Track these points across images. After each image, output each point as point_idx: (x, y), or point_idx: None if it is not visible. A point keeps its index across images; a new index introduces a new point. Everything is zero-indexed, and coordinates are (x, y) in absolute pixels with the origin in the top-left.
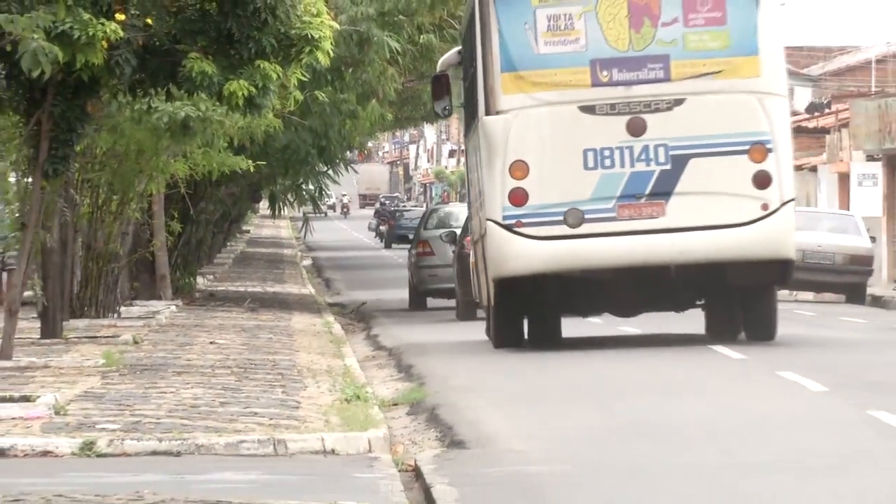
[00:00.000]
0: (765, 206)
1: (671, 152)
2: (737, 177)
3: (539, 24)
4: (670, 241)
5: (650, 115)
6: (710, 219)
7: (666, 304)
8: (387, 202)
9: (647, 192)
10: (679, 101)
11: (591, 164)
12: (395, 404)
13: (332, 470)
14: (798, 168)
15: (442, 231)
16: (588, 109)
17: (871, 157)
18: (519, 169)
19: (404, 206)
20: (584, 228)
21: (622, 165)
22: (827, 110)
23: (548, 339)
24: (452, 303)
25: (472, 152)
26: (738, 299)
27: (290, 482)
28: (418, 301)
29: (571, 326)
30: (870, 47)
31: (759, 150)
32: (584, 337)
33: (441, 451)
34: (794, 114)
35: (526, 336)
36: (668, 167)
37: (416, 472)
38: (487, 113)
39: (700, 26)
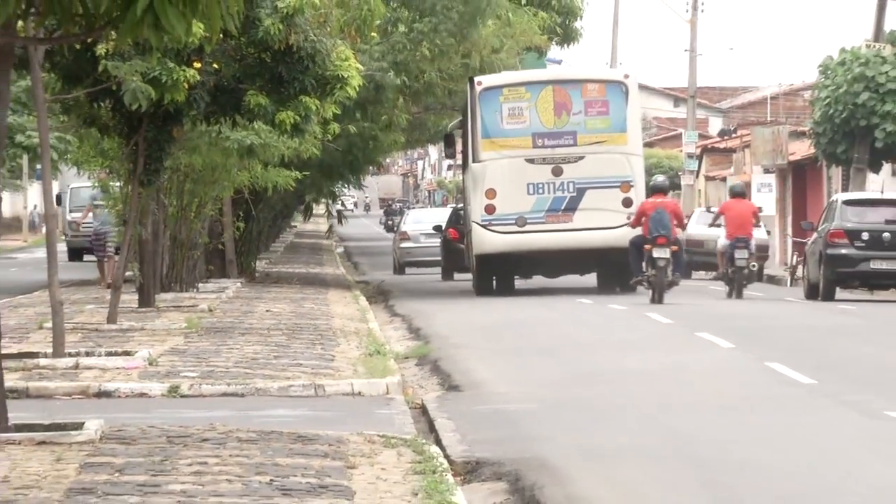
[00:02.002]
0: (628, 217)
1: (577, 186)
2: (612, 200)
3: (503, 112)
4: (575, 236)
5: (565, 165)
6: (598, 224)
7: (573, 270)
8: (394, 204)
9: (562, 208)
10: (581, 157)
11: (531, 191)
12: (407, 358)
13: (358, 407)
14: (711, 179)
15: (431, 224)
16: (530, 160)
17: (766, 171)
18: (490, 193)
19: (412, 207)
20: (527, 228)
21: (548, 193)
22: (734, 135)
23: (506, 290)
24: (426, 269)
25: (466, 183)
26: (613, 268)
27: (327, 417)
28: (399, 270)
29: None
30: (766, 87)
31: (625, 185)
32: (531, 288)
33: (442, 394)
34: (708, 138)
35: (494, 288)
36: (574, 194)
37: (423, 409)
38: (474, 161)
39: (594, 115)
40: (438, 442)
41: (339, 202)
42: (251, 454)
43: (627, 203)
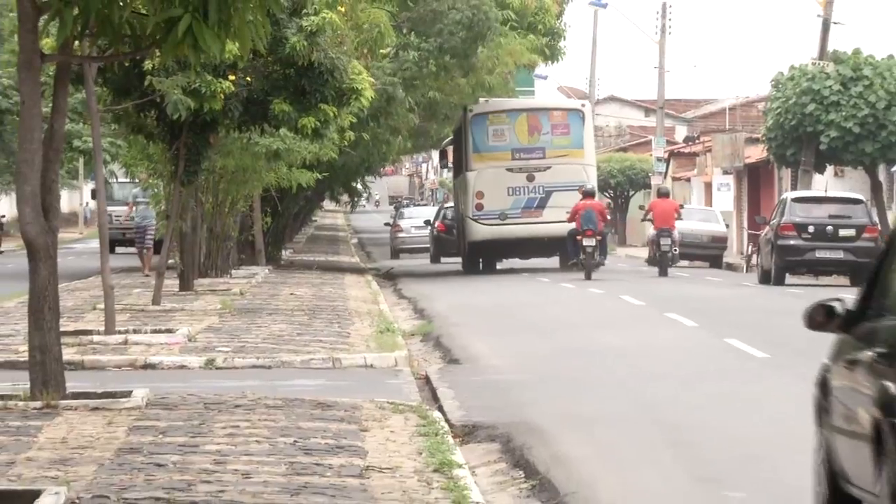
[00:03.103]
0: None
1: (545, 189)
2: (572, 200)
3: (489, 132)
4: (544, 227)
5: (536, 173)
6: (561, 218)
7: (541, 254)
8: (403, 201)
9: (535, 206)
10: (549, 167)
11: (510, 193)
12: (413, 335)
13: (371, 378)
14: (677, 179)
15: (421, 220)
16: (510, 169)
17: (725, 172)
18: (479, 195)
19: (417, 204)
20: (507, 221)
21: (524, 194)
22: (697, 141)
23: (490, 269)
24: (415, 255)
25: (458, 186)
26: (583, 253)
27: (343, 386)
28: (395, 255)
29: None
30: (725, 99)
31: (591, 192)
32: (508, 269)
33: (443, 366)
34: (675, 143)
35: (480, 268)
36: (543, 195)
37: (427, 380)
38: (467, 170)
39: (558, 135)
40: (440, 408)
41: (364, 195)
42: (277, 419)
43: None
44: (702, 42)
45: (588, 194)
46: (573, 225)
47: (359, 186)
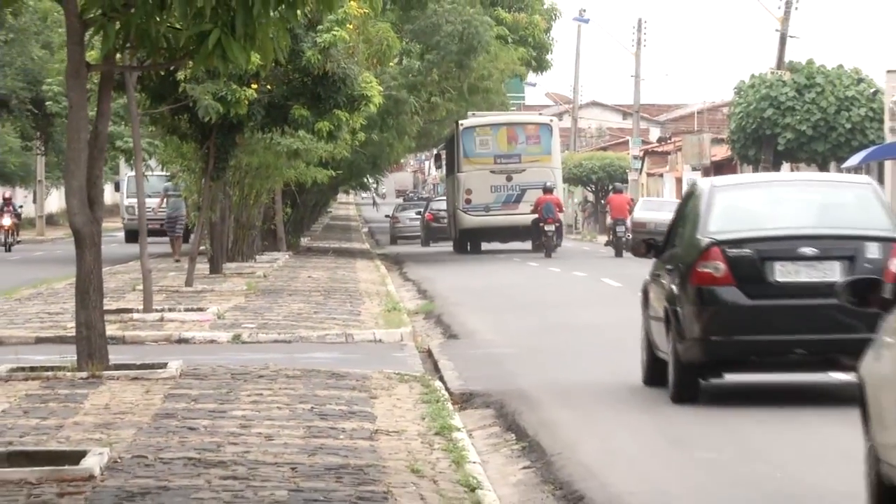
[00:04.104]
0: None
1: (521, 187)
2: None
3: (476, 142)
4: (519, 218)
5: (514, 174)
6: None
7: (517, 239)
8: (409, 194)
9: (512, 201)
10: (524, 170)
11: (493, 191)
12: (417, 313)
13: (379, 351)
14: (652, 175)
15: (414, 212)
16: (493, 171)
17: (694, 168)
18: (468, 192)
19: (420, 198)
20: (490, 213)
21: (503, 192)
22: (669, 141)
23: (476, 250)
24: (409, 240)
25: (450, 184)
26: (544, 237)
27: (355, 359)
28: (392, 241)
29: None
30: (693, 104)
31: (550, 188)
32: (498, 251)
33: (443, 341)
34: (649, 143)
35: (468, 249)
36: (519, 192)
37: (429, 353)
38: (458, 172)
39: (531, 144)
40: (441, 378)
41: (374, 189)
42: (296, 387)
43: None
44: (673, 53)
45: (547, 191)
46: (536, 215)
47: (371, 181)
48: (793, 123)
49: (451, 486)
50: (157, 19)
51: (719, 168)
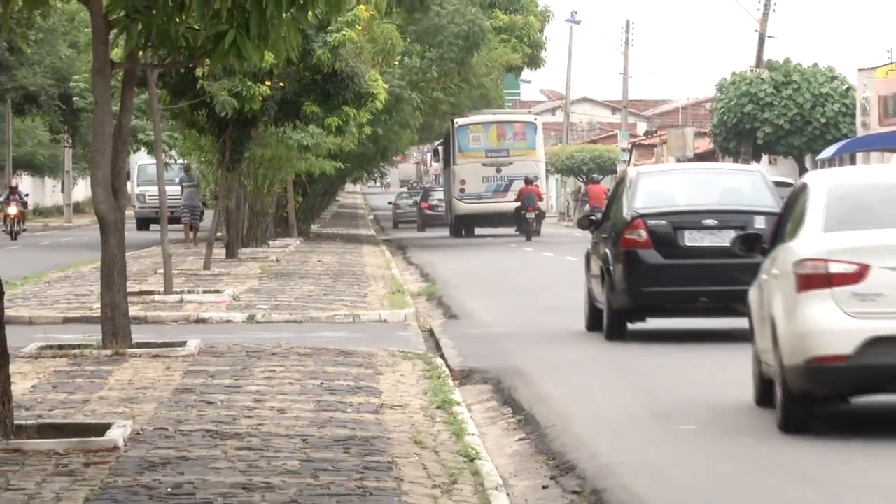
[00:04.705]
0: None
1: (509, 178)
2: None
3: (469, 138)
4: (507, 205)
5: (503, 167)
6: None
7: (506, 224)
8: (412, 183)
9: (501, 190)
10: (511, 163)
11: (484, 181)
12: (419, 295)
13: (384, 331)
14: (639, 166)
15: (412, 200)
16: (484, 164)
17: (678, 160)
18: (462, 182)
19: (422, 187)
20: (482, 200)
21: (493, 182)
22: (655, 135)
23: (470, 234)
24: (408, 225)
25: (447, 175)
26: (525, 223)
27: (361, 337)
28: (394, 225)
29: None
30: (678, 100)
31: (531, 180)
32: (491, 236)
33: (444, 321)
34: (637, 136)
35: (463, 234)
36: (507, 183)
37: (431, 332)
38: (454, 164)
39: (518, 140)
40: (442, 356)
41: (374, 180)
42: (307, 364)
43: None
44: (659, 52)
45: (529, 182)
46: (519, 203)
47: (383, 169)
48: (771, 118)
49: (452, 457)
50: (177, 20)
51: (702, 159)
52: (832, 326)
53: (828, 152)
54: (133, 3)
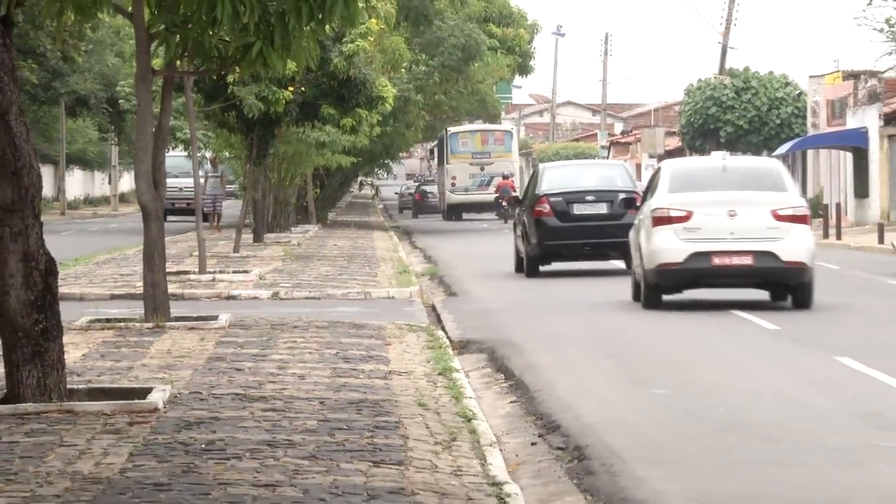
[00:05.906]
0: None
1: (490, 175)
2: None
3: (459, 143)
4: (489, 196)
5: (486, 166)
6: (496, 192)
7: (488, 211)
8: (418, 177)
9: (485, 184)
10: (492, 163)
11: (470, 177)
12: (423, 274)
13: (392, 306)
14: None
15: (411, 191)
16: (470, 164)
17: (651, 157)
18: (453, 178)
19: (426, 180)
20: (468, 193)
21: (478, 178)
22: (630, 134)
23: (458, 218)
24: (408, 210)
25: (440, 172)
26: (502, 209)
27: (372, 312)
28: (400, 211)
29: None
30: (650, 103)
31: (507, 176)
32: (476, 220)
33: (445, 298)
34: (614, 136)
35: (454, 218)
36: (489, 179)
37: (433, 308)
38: (447, 163)
39: (498, 145)
40: (443, 328)
41: (380, 175)
42: (324, 336)
43: (511, 185)
44: (634, 61)
45: (505, 177)
46: (497, 194)
47: (390, 163)
48: (732, 119)
49: (451, 417)
50: (210, 33)
51: (671, 156)
52: (671, 246)
53: (782, 149)
54: (172, 17)
